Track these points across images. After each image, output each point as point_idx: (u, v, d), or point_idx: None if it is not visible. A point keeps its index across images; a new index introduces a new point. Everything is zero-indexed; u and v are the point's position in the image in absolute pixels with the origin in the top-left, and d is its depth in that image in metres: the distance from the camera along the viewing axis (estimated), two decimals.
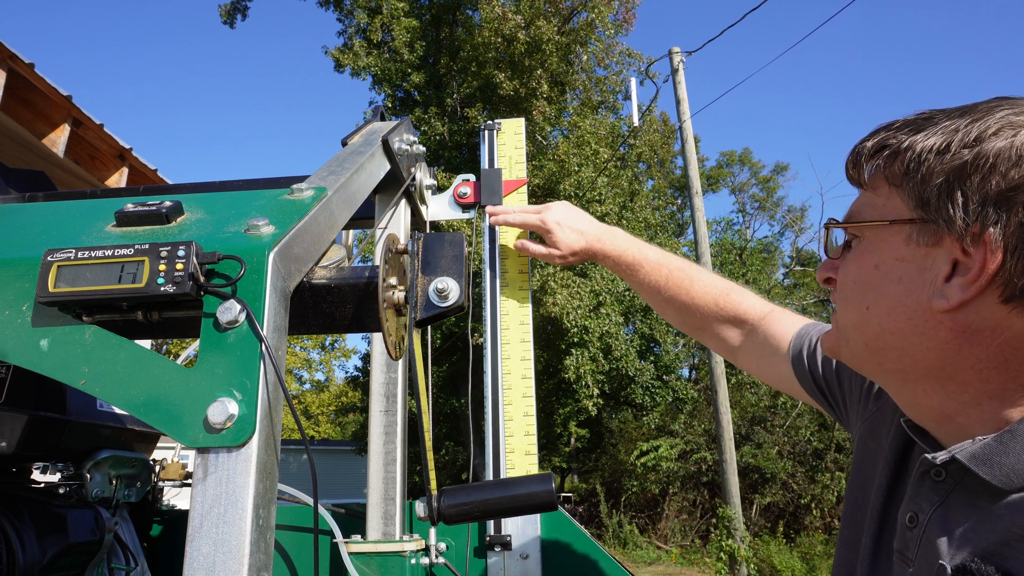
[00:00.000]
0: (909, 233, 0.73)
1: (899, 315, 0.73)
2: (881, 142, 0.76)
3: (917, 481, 0.77)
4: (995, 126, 0.68)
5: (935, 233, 0.70)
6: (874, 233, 0.77)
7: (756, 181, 28.96)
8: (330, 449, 25.60)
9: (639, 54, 15.71)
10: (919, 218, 0.71)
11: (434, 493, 1.02)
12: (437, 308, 0.93)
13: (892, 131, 0.76)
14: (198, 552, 0.65)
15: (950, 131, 0.70)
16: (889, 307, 0.74)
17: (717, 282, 1.32)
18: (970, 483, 0.71)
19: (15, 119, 2.42)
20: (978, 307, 0.68)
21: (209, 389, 0.70)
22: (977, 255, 0.67)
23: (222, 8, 18.27)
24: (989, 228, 0.66)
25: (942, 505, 0.73)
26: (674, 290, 1.33)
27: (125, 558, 1.54)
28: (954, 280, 0.69)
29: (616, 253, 1.41)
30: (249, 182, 1.41)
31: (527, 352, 1.55)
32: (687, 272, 1.34)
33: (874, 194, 0.78)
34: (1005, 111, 0.69)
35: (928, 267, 0.71)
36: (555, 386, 14.67)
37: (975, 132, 0.68)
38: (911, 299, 0.72)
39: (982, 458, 0.69)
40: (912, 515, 0.76)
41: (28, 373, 0.77)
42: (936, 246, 0.70)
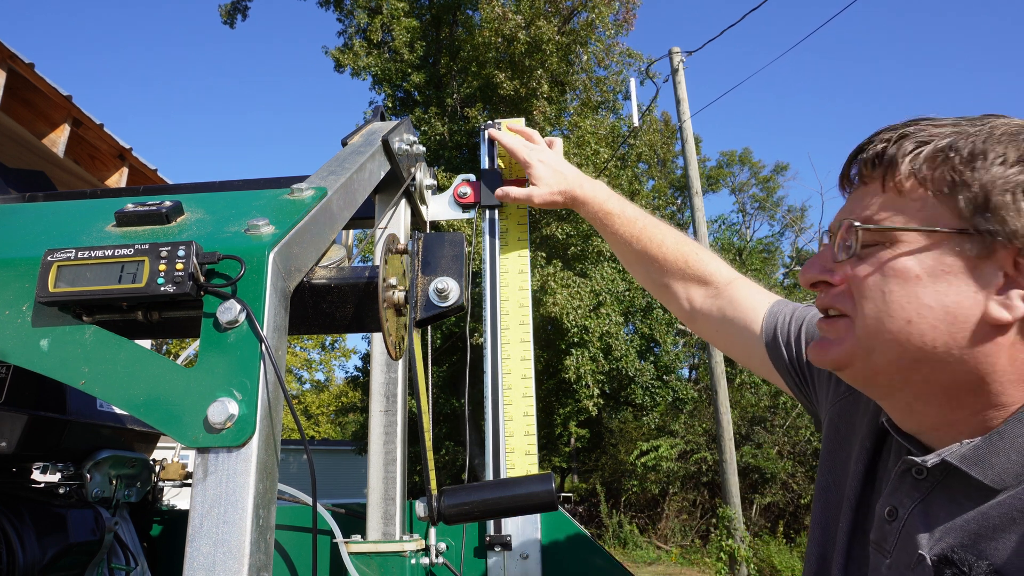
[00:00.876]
0: (959, 243, 0.70)
1: (946, 327, 0.70)
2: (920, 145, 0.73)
3: (898, 478, 0.78)
4: None
5: (989, 244, 0.69)
6: (912, 240, 0.73)
7: (756, 181, 28.97)
8: (330, 449, 25.60)
9: (639, 54, 15.71)
10: (973, 228, 0.69)
11: (434, 493, 1.02)
12: (437, 308, 0.93)
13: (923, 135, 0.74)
14: (198, 552, 0.65)
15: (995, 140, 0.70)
16: (936, 320, 0.71)
17: (692, 243, 1.32)
18: (952, 482, 0.72)
19: (15, 119, 2.42)
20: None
21: (209, 389, 0.70)
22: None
23: (222, 8, 18.27)
24: None
25: (923, 502, 0.74)
26: (646, 243, 1.34)
27: (125, 558, 1.54)
28: (1013, 292, 0.68)
29: (596, 201, 1.42)
30: (249, 182, 1.41)
31: (527, 352, 1.55)
32: (661, 228, 1.35)
33: (902, 198, 0.74)
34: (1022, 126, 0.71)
35: (978, 278, 0.70)
36: (555, 386, 14.67)
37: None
38: (960, 311, 0.70)
39: (973, 459, 0.70)
40: (891, 509, 0.77)
41: (28, 373, 0.77)
42: (988, 258, 0.69)
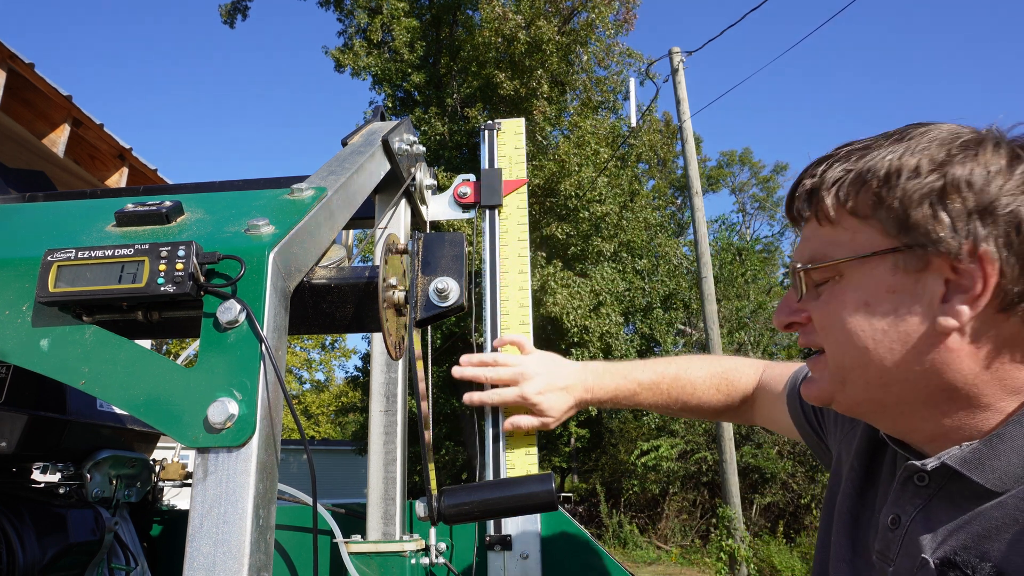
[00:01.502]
0: (895, 262, 0.72)
1: (902, 347, 0.72)
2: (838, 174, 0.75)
3: (900, 486, 0.78)
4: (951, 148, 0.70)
5: (922, 257, 0.70)
6: (854, 269, 0.75)
7: (756, 181, 28.99)
8: (330, 449, 25.60)
9: (639, 54, 15.72)
10: (902, 245, 0.71)
11: (434, 493, 1.02)
12: (437, 308, 0.93)
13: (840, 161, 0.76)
14: (198, 552, 0.65)
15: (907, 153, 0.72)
16: (892, 341, 0.72)
17: (714, 371, 1.30)
18: (954, 486, 0.73)
19: (15, 119, 2.42)
20: (979, 321, 0.69)
21: (209, 389, 0.70)
22: (975, 271, 0.68)
23: (222, 8, 18.28)
24: (982, 244, 0.67)
25: (925, 508, 0.75)
26: (681, 402, 1.31)
27: (125, 558, 1.54)
28: (954, 299, 0.69)
29: (609, 395, 1.33)
30: (249, 182, 1.41)
31: None
32: (683, 378, 1.31)
33: (836, 228, 0.76)
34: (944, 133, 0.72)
35: (921, 292, 0.71)
36: None
37: (939, 155, 0.70)
38: (912, 328, 0.71)
39: (974, 463, 0.70)
40: (895, 517, 0.78)
41: (28, 373, 0.77)
42: (925, 270, 0.70)
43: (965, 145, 0.71)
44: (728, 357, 1.35)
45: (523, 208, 1.68)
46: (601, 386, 1.32)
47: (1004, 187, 0.68)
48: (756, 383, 1.28)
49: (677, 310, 15.67)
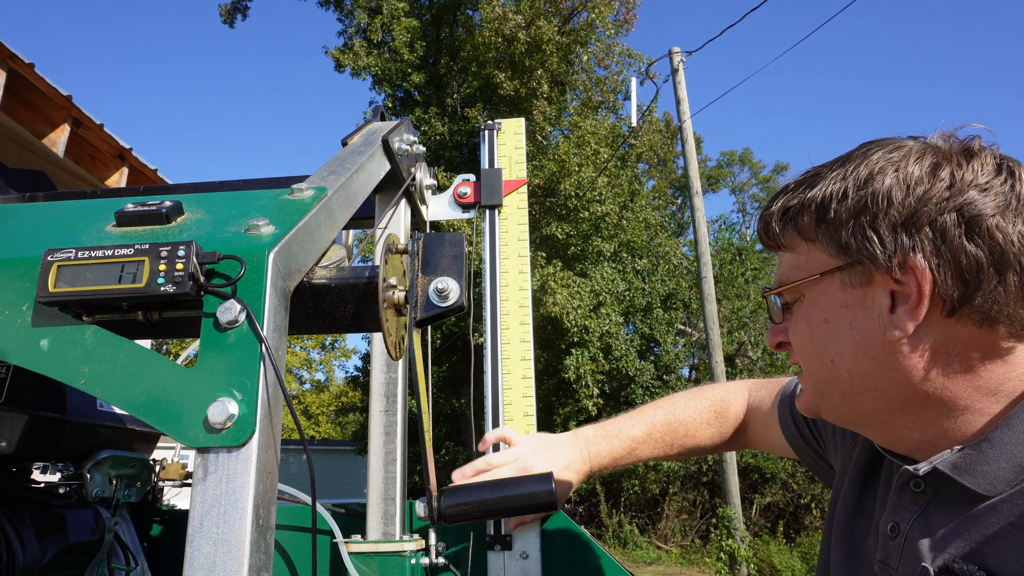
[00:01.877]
0: (842, 279, 0.76)
1: (863, 358, 0.76)
2: (785, 204, 0.81)
3: (897, 493, 0.80)
4: (879, 163, 0.74)
5: (864, 273, 0.74)
6: (811, 289, 0.80)
7: (756, 181, 28.99)
8: (330, 449, 25.59)
9: (639, 54, 15.72)
10: (844, 264, 0.76)
11: (434, 493, 1.02)
12: (437, 308, 0.93)
13: (790, 193, 0.82)
14: (198, 552, 0.65)
15: (840, 179, 0.76)
16: (852, 353, 0.76)
17: (699, 406, 1.30)
18: (949, 491, 0.74)
19: (15, 119, 2.42)
20: (928, 328, 0.72)
21: (209, 389, 0.70)
22: (910, 281, 0.71)
23: (222, 8, 18.27)
24: (910, 254, 0.71)
25: (922, 514, 0.76)
26: (678, 446, 1.32)
27: (125, 558, 1.54)
28: (898, 310, 0.73)
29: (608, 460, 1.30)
30: (249, 182, 1.41)
31: (527, 352, 1.55)
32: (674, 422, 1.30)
33: (795, 254, 0.82)
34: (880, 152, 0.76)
35: (871, 305, 0.75)
36: (555, 386, 14.67)
37: (863, 174, 0.74)
38: (868, 339, 0.75)
39: (964, 467, 0.71)
40: (893, 525, 0.79)
41: (28, 373, 0.77)
42: (869, 284, 0.74)
43: (891, 161, 0.74)
44: (712, 387, 1.35)
45: (523, 208, 1.68)
46: (597, 453, 1.29)
47: (924, 197, 0.70)
48: (745, 407, 1.29)
49: (677, 310, 15.67)
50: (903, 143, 0.77)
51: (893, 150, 0.76)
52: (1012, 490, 0.68)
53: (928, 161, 0.73)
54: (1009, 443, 0.70)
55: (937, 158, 0.73)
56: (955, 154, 0.74)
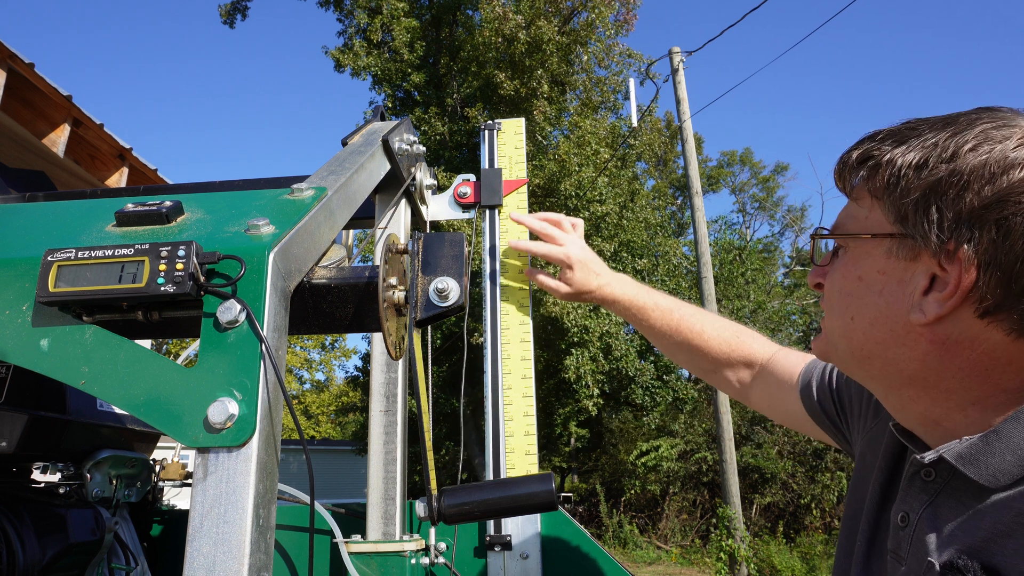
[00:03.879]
0: (890, 247, 0.74)
1: (880, 327, 0.75)
2: (865, 153, 0.77)
3: (907, 482, 0.78)
4: (972, 140, 0.68)
5: (913, 248, 0.72)
6: (858, 245, 0.78)
7: (756, 181, 28.99)
8: (330, 449, 25.58)
9: (639, 54, 15.71)
10: (898, 233, 0.73)
11: (434, 493, 1.02)
12: (437, 308, 0.93)
13: (876, 142, 0.77)
14: (198, 552, 0.65)
15: (929, 145, 0.71)
16: (871, 319, 0.76)
17: (728, 325, 1.33)
18: (958, 483, 0.72)
19: (15, 119, 2.42)
20: (955, 321, 0.70)
21: (209, 389, 0.70)
22: (952, 271, 0.68)
23: (222, 8, 18.26)
24: (963, 246, 0.67)
25: (931, 504, 0.74)
26: (685, 334, 1.33)
27: (125, 558, 1.54)
28: (931, 294, 0.70)
29: (627, 298, 1.41)
30: (249, 182, 1.41)
31: (527, 352, 1.55)
32: (698, 316, 1.35)
33: (858, 205, 0.79)
34: (985, 124, 0.69)
35: (907, 280, 0.72)
36: (555, 386, 14.67)
37: (952, 147, 0.69)
38: (891, 312, 0.74)
39: (968, 458, 0.70)
40: (903, 515, 0.77)
41: (28, 373, 0.77)
42: (915, 260, 0.72)
43: (989, 140, 0.68)
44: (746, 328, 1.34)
45: (523, 208, 1.68)
46: (622, 288, 1.42)
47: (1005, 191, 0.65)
48: (767, 358, 1.26)
49: None
50: (1015, 119, 0.70)
51: (1000, 126, 0.69)
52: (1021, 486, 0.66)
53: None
54: (1016, 436, 0.68)
55: None
56: None
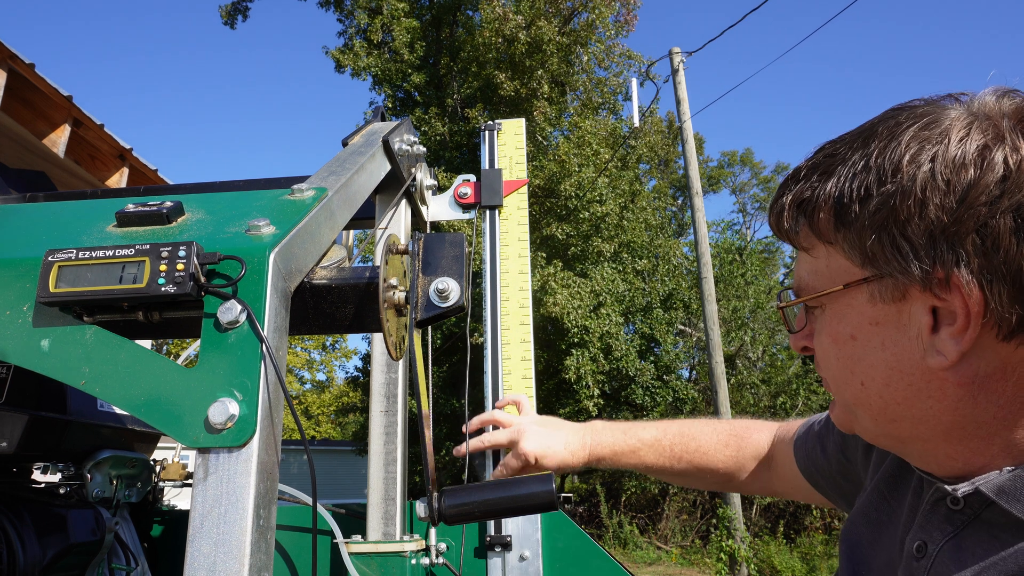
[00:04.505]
0: (870, 292, 0.63)
1: (897, 384, 0.64)
2: (796, 197, 0.67)
3: (929, 508, 0.69)
4: (908, 150, 0.59)
5: (897, 287, 0.61)
6: (834, 300, 0.67)
7: (757, 181, 29.01)
8: (330, 449, 25.58)
9: (639, 55, 15.72)
10: (872, 275, 0.62)
11: (434, 493, 1.02)
12: (437, 308, 0.93)
13: (802, 181, 0.67)
14: (199, 552, 0.65)
15: (862, 170, 0.62)
16: (885, 378, 0.64)
17: (720, 427, 1.22)
18: (991, 515, 0.63)
19: (15, 119, 2.42)
20: (979, 353, 0.59)
21: (210, 389, 0.70)
22: (955, 300, 0.58)
23: (223, 9, 18.27)
24: (953, 269, 0.57)
25: (956, 536, 0.65)
26: (685, 460, 1.21)
27: (125, 558, 1.54)
28: (942, 331, 0.60)
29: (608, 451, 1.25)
30: (250, 182, 1.41)
31: (527, 352, 1.55)
32: (687, 434, 1.22)
33: (812, 256, 0.69)
34: (911, 127, 0.61)
35: (907, 324, 0.62)
36: (555, 386, 14.67)
37: (889, 165, 0.60)
38: (904, 364, 0.63)
39: (1013, 492, 0.60)
40: (921, 544, 0.68)
41: (29, 373, 0.77)
42: (904, 300, 0.61)
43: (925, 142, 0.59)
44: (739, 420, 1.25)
45: (523, 208, 1.68)
46: (599, 443, 1.25)
47: (970, 195, 0.56)
48: (771, 439, 1.15)
49: (677, 310, 15.67)
50: (941, 112, 0.61)
51: (928, 125, 0.60)
52: None
53: (975, 141, 0.57)
54: None
55: (986, 136, 0.57)
56: (1010, 130, 0.58)
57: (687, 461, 1.20)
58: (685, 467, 1.20)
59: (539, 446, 1.26)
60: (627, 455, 1.24)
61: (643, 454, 1.23)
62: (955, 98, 0.63)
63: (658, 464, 1.22)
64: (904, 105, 0.65)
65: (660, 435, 1.22)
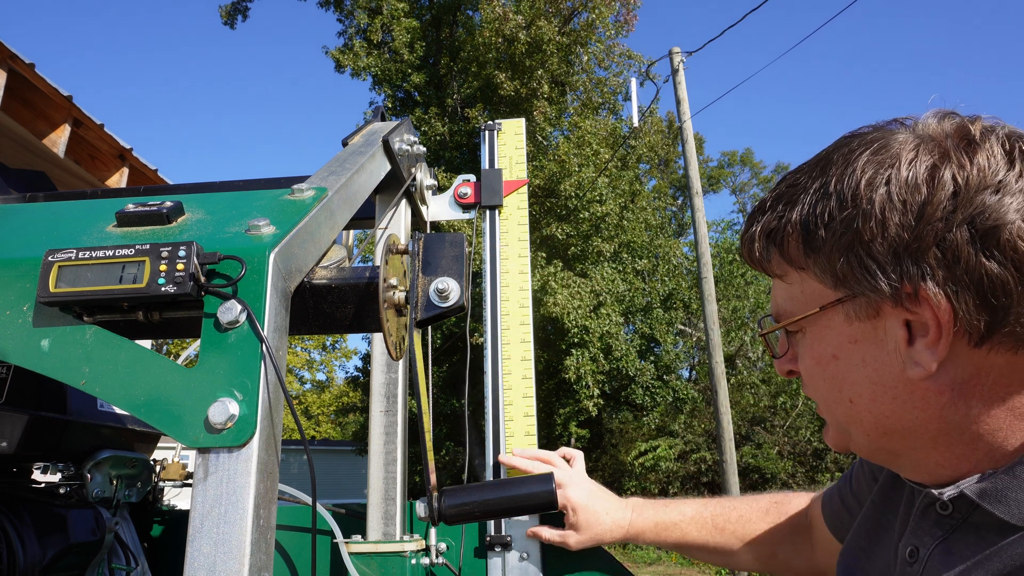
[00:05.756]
0: (846, 312, 0.67)
1: (883, 398, 0.67)
2: (765, 227, 0.71)
3: (920, 515, 0.72)
4: (863, 176, 0.63)
5: (869, 304, 0.65)
6: (812, 323, 0.70)
7: (757, 181, 29.03)
8: (330, 449, 25.60)
9: (639, 55, 15.73)
10: (845, 296, 0.66)
11: (434, 493, 1.02)
12: (437, 308, 0.93)
13: (768, 211, 0.71)
14: (199, 552, 0.65)
15: (823, 196, 0.65)
16: (870, 394, 0.67)
17: (759, 498, 1.21)
18: (978, 518, 0.65)
19: (15, 119, 2.42)
20: (954, 361, 0.63)
21: (210, 389, 0.70)
22: (925, 312, 0.61)
23: (222, 9, 18.27)
24: (920, 283, 0.60)
25: (945, 540, 0.68)
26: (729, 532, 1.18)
27: (126, 558, 1.54)
28: (917, 343, 0.63)
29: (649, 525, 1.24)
30: (250, 182, 1.41)
31: (528, 352, 1.55)
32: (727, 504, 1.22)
33: (786, 283, 0.72)
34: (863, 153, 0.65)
35: (883, 339, 0.65)
36: (555, 386, 14.68)
37: (846, 190, 0.64)
38: (886, 377, 0.66)
39: (994, 494, 0.63)
40: (912, 549, 0.71)
41: (29, 373, 0.77)
42: (878, 316, 0.65)
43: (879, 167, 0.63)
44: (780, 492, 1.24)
45: (523, 208, 1.68)
46: (641, 515, 1.24)
47: (926, 213, 0.60)
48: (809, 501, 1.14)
49: (677, 310, 15.68)
50: (890, 137, 0.65)
51: (879, 150, 0.64)
52: None
53: (924, 162, 0.62)
54: None
55: (933, 157, 0.62)
56: (954, 149, 0.62)
57: (730, 532, 1.18)
58: (728, 539, 1.18)
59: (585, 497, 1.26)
60: (669, 530, 1.22)
61: (686, 529, 1.21)
62: (900, 123, 0.68)
63: (700, 538, 1.20)
64: (855, 133, 0.70)
65: (701, 509, 1.22)
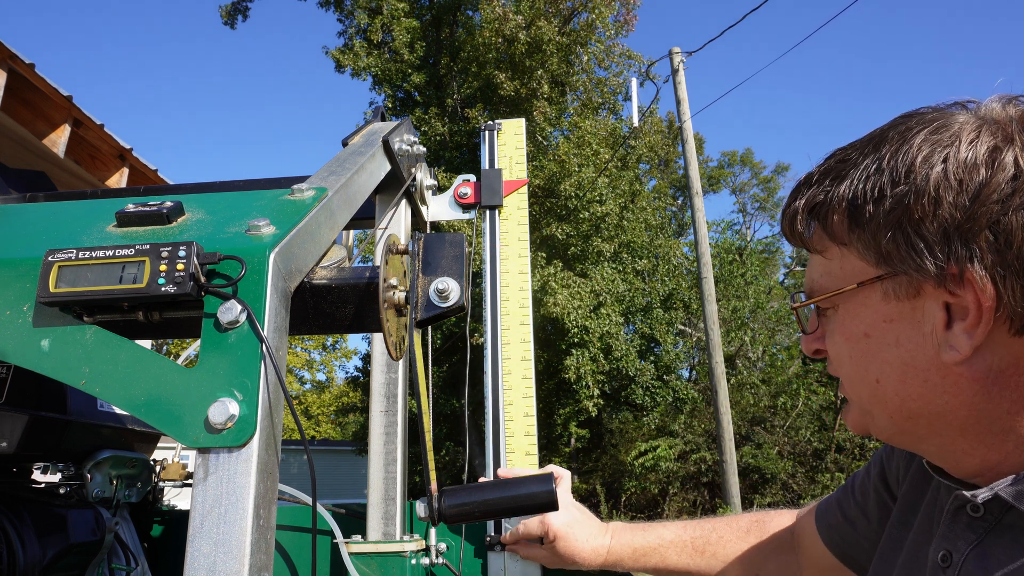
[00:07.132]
0: (884, 290, 0.65)
1: (913, 380, 0.65)
2: (810, 201, 0.70)
3: (951, 517, 0.70)
4: (920, 152, 0.62)
5: (911, 283, 0.63)
6: (847, 300, 0.69)
7: (757, 181, 29.03)
8: (330, 449, 25.60)
9: (639, 55, 15.73)
10: (886, 273, 0.64)
11: (434, 493, 1.02)
12: (438, 308, 0.93)
13: (815, 186, 0.70)
14: (199, 552, 0.65)
15: (874, 171, 0.64)
16: (899, 375, 0.66)
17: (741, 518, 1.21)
18: (1012, 520, 0.63)
19: (15, 119, 2.42)
20: (992, 348, 0.61)
21: (210, 389, 0.70)
22: (967, 296, 0.60)
23: (223, 9, 18.28)
24: (967, 265, 0.59)
25: (980, 544, 0.66)
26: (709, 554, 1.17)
27: (125, 558, 1.54)
28: (955, 327, 0.61)
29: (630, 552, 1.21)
30: (250, 182, 1.41)
31: (527, 352, 1.55)
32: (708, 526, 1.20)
33: (826, 258, 0.71)
34: (922, 131, 0.63)
35: (921, 320, 0.63)
36: (555, 386, 14.68)
37: (901, 166, 0.62)
38: (918, 359, 0.64)
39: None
40: (945, 554, 0.69)
41: (29, 373, 0.77)
42: (918, 296, 0.63)
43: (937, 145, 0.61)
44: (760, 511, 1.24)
45: (523, 208, 1.68)
46: (619, 541, 1.22)
47: (982, 194, 0.58)
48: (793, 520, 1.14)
49: (677, 310, 15.68)
50: (951, 118, 0.63)
51: (939, 129, 0.62)
52: None
53: (985, 143, 0.60)
54: None
55: (996, 139, 0.60)
56: (1019, 132, 0.60)
57: (710, 554, 1.16)
58: (709, 561, 1.16)
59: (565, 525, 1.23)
60: (648, 555, 1.20)
61: (665, 553, 1.19)
62: (962, 105, 0.66)
63: (681, 562, 1.18)
64: (913, 112, 0.68)
65: (680, 532, 1.20)
